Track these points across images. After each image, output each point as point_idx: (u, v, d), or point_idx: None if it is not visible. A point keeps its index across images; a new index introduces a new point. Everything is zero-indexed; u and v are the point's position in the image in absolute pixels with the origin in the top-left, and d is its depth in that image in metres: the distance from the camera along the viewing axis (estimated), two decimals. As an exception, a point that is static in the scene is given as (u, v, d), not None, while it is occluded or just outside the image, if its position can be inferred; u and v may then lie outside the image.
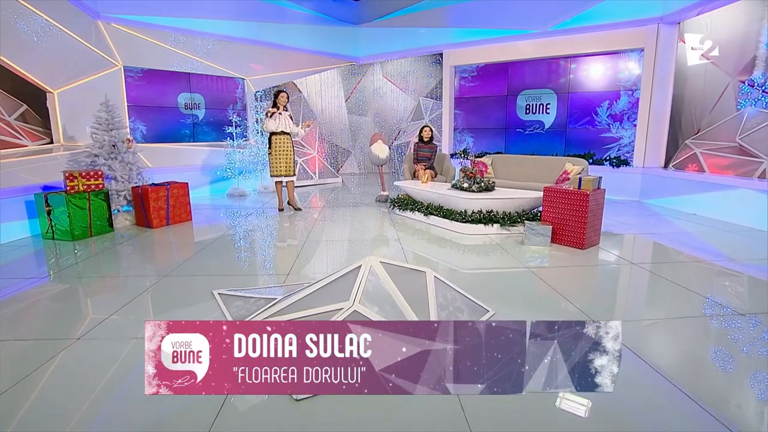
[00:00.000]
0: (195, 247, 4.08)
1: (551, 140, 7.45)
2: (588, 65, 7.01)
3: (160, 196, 4.92)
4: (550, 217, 3.89)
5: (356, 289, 2.22)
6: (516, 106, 7.77)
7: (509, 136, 7.93)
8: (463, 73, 8.32)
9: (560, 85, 7.28)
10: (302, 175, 8.84)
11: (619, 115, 6.81)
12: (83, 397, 1.71)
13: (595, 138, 7.05)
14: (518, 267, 3.30)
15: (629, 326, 2.26)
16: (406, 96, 10.16)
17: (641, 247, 4.04)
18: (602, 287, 2.96)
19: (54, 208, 4.16)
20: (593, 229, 3.75)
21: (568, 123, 7.28)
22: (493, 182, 4.61)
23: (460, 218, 4.34)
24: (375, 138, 6.53)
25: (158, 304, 2.68)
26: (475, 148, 8.28)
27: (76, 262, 3.53)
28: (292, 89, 9.42)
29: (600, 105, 6.95)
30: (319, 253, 3.85)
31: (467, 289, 2.91)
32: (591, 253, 3.62)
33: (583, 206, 3.62)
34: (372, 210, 5.79)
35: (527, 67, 7.56)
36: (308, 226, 4.92)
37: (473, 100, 8.28)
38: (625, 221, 4.97)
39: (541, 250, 3.73)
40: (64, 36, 5.45)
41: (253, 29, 7.82)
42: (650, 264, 3.34)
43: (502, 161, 5.92)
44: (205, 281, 3.07)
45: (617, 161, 6.67)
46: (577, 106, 7.16)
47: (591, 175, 3.72)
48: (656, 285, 2.92)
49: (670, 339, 2.20)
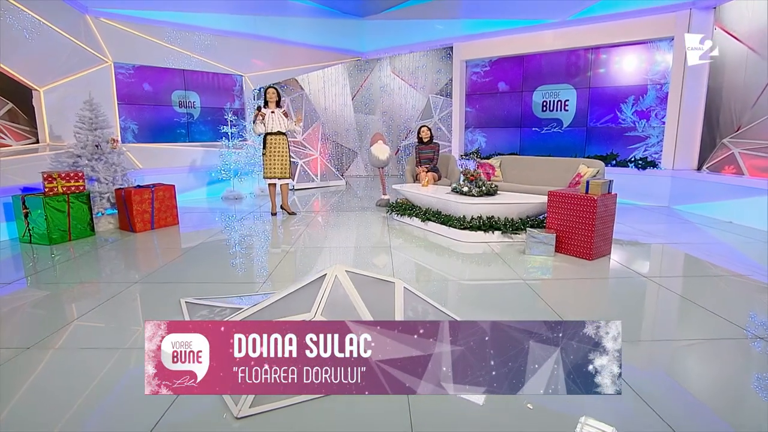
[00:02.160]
0: (174, 252, 4.15)
1: (570, 140, 7.31)
2: (611, 57, 6.86)
3: (144, 199, 5.03)
4: (555, 225, 3.80)
5: (319, 299, 2.21)
6: (532, 102, 7.66)
7: (524, 135, 7.82)
8: (474, 68, 8.26)
9: (580, 79, 7.15)
10: (303, 178, 8.92)
11: (645, 111, 6.63)
12: (25, 411, 1.74)
13: (618, 137, 6.88)
14: (513, 279, 3.22)
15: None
16: (416, 93, 10.16)
17: (661, 259, 3.89)
18: (603, 303, 2.85)
19: (31, 211, 4.30)
20: (602, 238, 3.64)
21: (589, 121, 7.13)
22: (495, 186, 4.54)
23: (458, 224, 4.29)
24: (375, 138, 6.54)
25: (118, 313, 2.72)
26: (487, 148, 8.19)
27: (45, 268, 3.63)
28: (293, 86, 9.55)
29: (624, 101, 6.78)
30: (301, 261, 3.85)
31: (450, 301, 2.86)
32: (599, 265, 3.50)
33: (591, 212, 3.52)
34: (370, 215, 5.78)
35: (544, 60, 7.45)
36: (298, 232, 4.94)
37: (485, 96, 8.20)
38: (648, 229, 4.81)
39: (543, 261, 3.63)
40: (50, 31, 5.67)
41: (251, 23, 7.97)
42: (667, 278, 3.21)
43: (512, 163, 5.83)
44: (176, 289, 3.10)
45: (643, 163, 6.48)
46: (599, 102, 7.01)
47: (600, 179, 3.62)
48: (666, 301, 2.79)
49: (667, 366, 2.10)
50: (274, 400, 1.75)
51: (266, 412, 1.70)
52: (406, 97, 10.28)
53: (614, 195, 3.68)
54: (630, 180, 6.53)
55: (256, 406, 1.72)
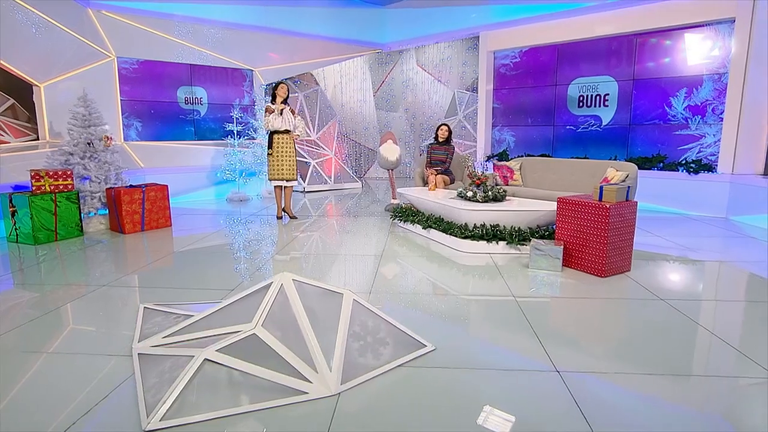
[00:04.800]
0: (157, 256, 4.33)
1: (610, 139, 7.06)
2: (660, 43, 6.55)
3: (135, 199, 5.29)
4: (565, 236, 3.66)
5: (262, 309, 2.25)
6: (567, 97, 7.44)
7: (558, 134, 7.60)
8: (503, 60, 8.13)
9: (623, 70, 6.88)
10: (315, 179, 9.08)
11: (700, 106, 6.28)
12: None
13: (667, 137, 6.56)
14: (503, 295, 3.13)
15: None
16: (441, 88, 10.11)
17: (693, 278, 3.65)
18: (595, 330, 2.70)
19: (18, 210, 4.64)
20: (618, 252, 3.47)
21: (633, 118, 6.84)
22: (503, 191, 4.43)
23: (459, 233, 4.22)
24: (385, 137, 6.58)
25: (72, 317, 2.87)
26: (516, 148, 8.02)
27: (17, 269, 3.89)
28: (308, 81, 9.77)
29: (675, 94, 6.46)
30: (283, 268, 3.92)
31: (418, 317, 2.82)
32: (611, 283, 3.34)
33: (603, 222, 3.36)
34: (376, 221, 5.80)
35: (581, 49, 7.23)
36: (292, 238, 5.04)
37: (514, 91, 8.06)
38: (692, 243, 4.54)
39: (547, 277, 3.51)
40: (50, 25, 6.12)
41: (262, 13, 8.22)
42: (693, 301, 3.01)
43: (533, 166, 5.68)
44: (142, 293, 3.25)
45: (696, 166, 6.14)
46: (645, 95, 6.72)
47: (614, 184, 3.46)
48: (675, 331, 2.62)
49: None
50: (188, 414, 1.79)
51: (178, 427, 1.75)
52: (429, 93, 10.26)
53: (633, 203, 3.50)
54: (680, 186, 6.21)
55: (169, 419, 1.77)
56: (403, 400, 1.91)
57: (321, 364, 2.02)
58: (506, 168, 5.60)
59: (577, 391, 1.95)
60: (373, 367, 2.11)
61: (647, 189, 6.28)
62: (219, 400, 1.87)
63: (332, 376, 2.00)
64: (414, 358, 2.22)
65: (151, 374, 2.10)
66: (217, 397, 1.88)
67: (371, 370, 2.09)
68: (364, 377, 2.05)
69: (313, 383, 1.97)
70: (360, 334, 2.19)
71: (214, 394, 1.90)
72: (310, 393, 1.94)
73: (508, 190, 5.28)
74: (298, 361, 2.05)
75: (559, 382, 2.02)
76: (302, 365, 2.04)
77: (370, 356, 2.15)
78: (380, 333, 2.24)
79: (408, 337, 2.31)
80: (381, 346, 2.21)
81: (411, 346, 2.29)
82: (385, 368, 2.12)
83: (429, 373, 2.12)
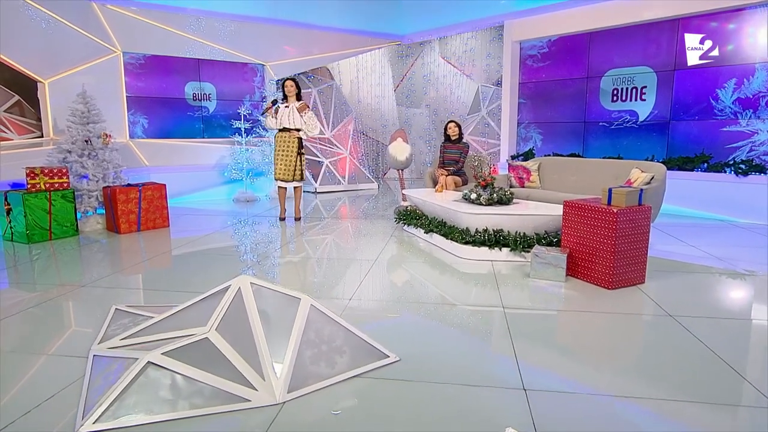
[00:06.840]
0: (146, 256, 4.53)
1: (648, 137, 6.85)
2: (705, 28, 6.30)
3: (131, 199, 5.54)
4: (572, 243, 3.59)
5: (217, 313, 2.33)
6: (599, 91, 7.27)
7: (589, 131, 7.43)
8: (530, 50, 8.02)
9: (662, 60, 6.66)
10: (327, 179, 9.21)
11: (752, 99, 6.00)
12: None
13: (713, 134, 6.31)
14: (491, 306, 3.10)
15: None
16: (466, 82, 10.05)
17: (716, 294, 3.50)
18: (583, 348, 2.62)
19: (13, 208, 4.95)
20: (629, 262, 3.36)
21: (674, 113, 6.61)
22: (510, 194, 4.38)
23: (459, 238, 4.20)
24: (395, 136, 6.62)
25: (41, 318, 3.05)
26: (543, 148, 7.88)
27: (8, 266, 4.15)
28: (323, 75, 9.92)
29: (722, 86, 6.20)
30: (268, 273, 4.02)
31: (392, 327, 2.83)
32: (617, 297, 3.24)
33: (611, 229, 3.28)
34: (383, 224, 5.84)
35: (616, 37, 7.05)
36: (290, 240, 5.15)
37: (542, 85, 7.94)
38: (728, 254, 4.35)
39: (547, 287, 3.45)
40: (55, 21, 6.50)
41: (272, 5, 8.42)
42: (706, 319, 2.89)
43: (552, 166, 5.58)
44: (120, 295, 3.41)
45: (747, 167, 5.87)
46: (687, 88, 6.48)
47: (624, 187, 3.37)
48: (677, 353, 2.52)
49: None
50: (124, 417, 1.88)
51: (111, 430, 1.83)
52: (451, 87, 10.22)
53: (647, 208, 3.39)
54: (726, 189, 5.95)
55: (103, 422, 1.86)
56: (351, 412, 1.94)
57: (269, 371, 2.08)
58: (522, 168, 5.52)
59: (538, 412, 1.91)
60: (325, 377, 2.15)
61: (688, 192, 6.05)
62: (157, 405, 1.95)
63: (279, 384, 2.05)
64: (372, 369, 2.24)
65: (99, 377, 2.21)
66: (155, 402, 1.96)
67: (323, 380, 2.13)
68: (314, 387, 2.09)
69: (258, 391, 2.03)
70: (314, 342, 2.23)
71: (154, 398, 1.98)
72: (253, 401, 2.00)
73: (524, 193, 5.22)
74: (246, 368, 2.11)
75: (523, 401, 1.99)
76: (250, 371, 2.10)
77: (323, 365, 2.18)
78: (337, 341, 2.28)
79: (369, 347, 2.33)
80: (337, 355, 2.24)
81: (372, 356, 2.31)
82: (338, 378, 2.15)
83: (386, 384, 2.14)
